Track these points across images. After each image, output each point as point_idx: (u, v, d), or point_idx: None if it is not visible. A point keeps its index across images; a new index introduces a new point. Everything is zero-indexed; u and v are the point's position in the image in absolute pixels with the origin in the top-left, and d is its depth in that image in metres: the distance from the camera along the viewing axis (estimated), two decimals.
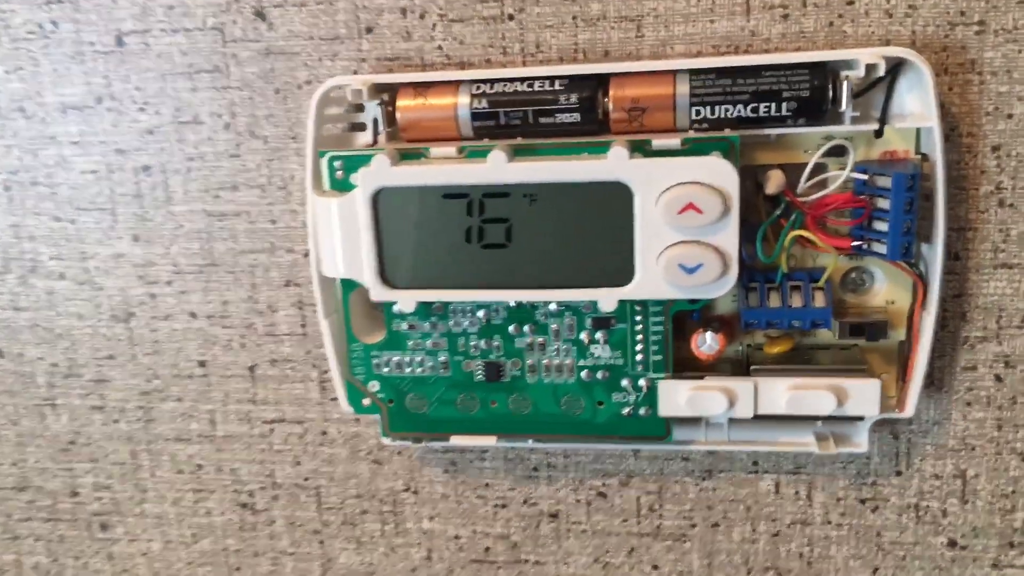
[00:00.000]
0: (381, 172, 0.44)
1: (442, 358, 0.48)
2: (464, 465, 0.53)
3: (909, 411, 0.46)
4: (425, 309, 0.47)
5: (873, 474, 0.49)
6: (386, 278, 0.46)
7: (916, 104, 0.43)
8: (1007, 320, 0.47)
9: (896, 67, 0.43)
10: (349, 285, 0.47)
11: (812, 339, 0.47)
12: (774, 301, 0.46)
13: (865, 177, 0.43)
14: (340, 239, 0.46)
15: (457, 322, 0.48)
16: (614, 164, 0.42)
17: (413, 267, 0.46)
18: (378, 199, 0.45)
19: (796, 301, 0.45)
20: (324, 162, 0.46)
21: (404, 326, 0.48)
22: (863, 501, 0.50)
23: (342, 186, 0.46)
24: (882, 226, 0.43)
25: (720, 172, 0.42)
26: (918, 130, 0.44)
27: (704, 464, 0.50)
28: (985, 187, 0.45)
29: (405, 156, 0.45)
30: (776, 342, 0.47)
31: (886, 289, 0.46)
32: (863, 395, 0.45)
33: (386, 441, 0.51)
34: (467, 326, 0.48)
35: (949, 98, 0.44)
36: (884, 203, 0.43)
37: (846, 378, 0.45)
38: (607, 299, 0.44)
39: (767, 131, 0.44)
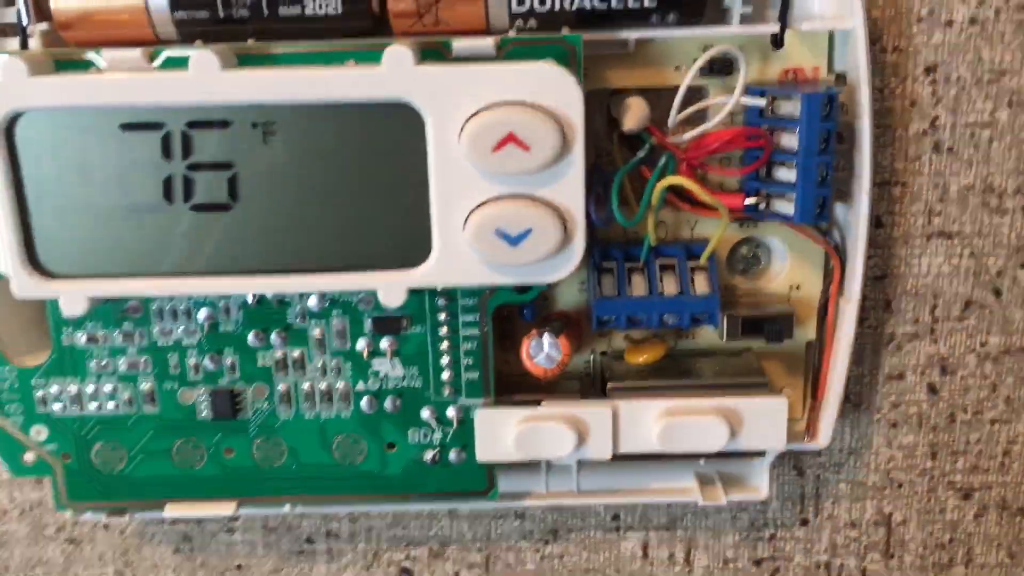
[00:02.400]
0: (14, 87, 0.27)
1: (144, 386, 0.31)
2: (204, 540, 0.37)
3: (823, 440, 0.33)
4: (111, 310, 0.31)
5: (772, 525, 0.36)
6: (37, 262, 0.29)
7: None
8: (944, 310, 0.34)
9: None
10: None
11: (689, 342, 0.34)
12: (638, 288, 0.31)
13: (762, 103, 0.30)
14: None
15: (165, 330, 0.31)
16: (393, 76, 0.27)
17: (82, 243, 0.29)
18: (14, 132, 0.28)
19: (669, 287, 0.31)
20: None
21: (80, 338, 0.31)
22: (759, 562, 0.37)
23: None
24: (786, 174, 0.30)
25: (556, 87, 0.27)
26: (831, 36, 0.31)
27: (547, 523, 0.37)
28: (917, 124, 0.33)
29: (62, 65, 0.28)
30: (642, 348, 0.33)
31: (788, 269, 0.33)
32: (765, 421, 0.31)
33: (66, 515, 0.33)
34: (181, 336, 0.31)
35: None
36: (789, 140, 0.30)
37: (740, 397, 0.31)
38: (391, 288, 0.29)
39: (622, 34, 0.29)
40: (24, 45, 0.30)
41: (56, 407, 0.32)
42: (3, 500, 0.37)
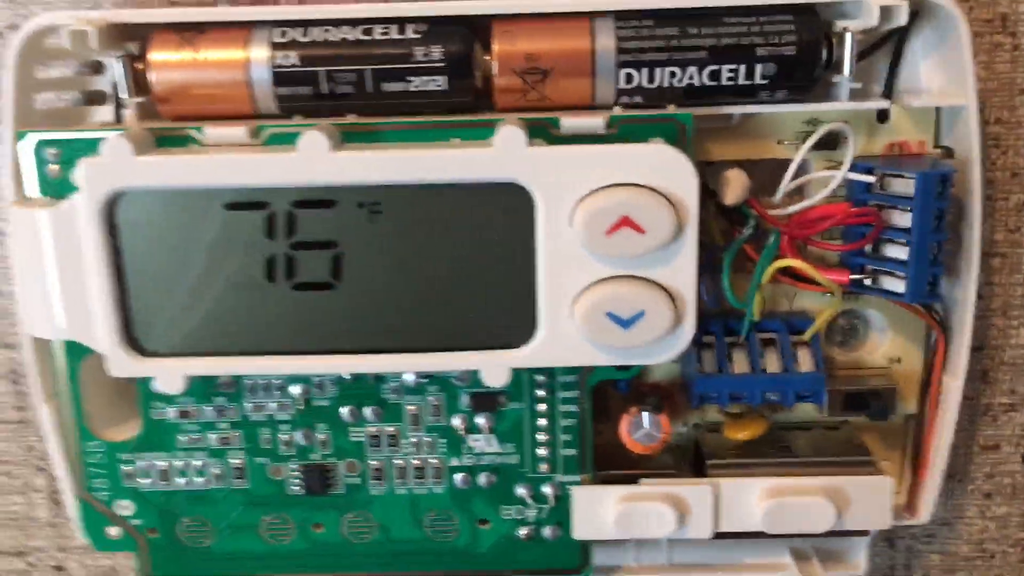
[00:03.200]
0: (118, 165, 0.26)
1: (235, 461, 0.31)
2: None
3: (923, 516, 0.32)
4: (204, 387, 0.30)
5: None
6: (135, 340, 0.28)
7: (937, 74, 0.30)
8: None
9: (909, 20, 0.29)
10: (77, 350, 0.29)
11: (785, 415, 0.33)
12: (740, 364, 0.31)
13: (871, 180, 0.29)
14: (57, 276, 0.28)
15: (258, 405, 0.30)
16: (505, 156, 0.26)
17: (179, 322, 0.28)
18: (116, 210, 0.27)
19: (772, 364, 0.31)
20: (27, 149, 0.28)
21: (171, 413, 0.31)
22: None
23: (60, 190, 0.28)
24: (895, 251, 0.29)
25: (670, 168, 0.26)
26: (937, 113, 0.30)
27: None
28: (1018, 196, 0.32)
29: (163, 141, 0.27)
30: (742, 423, 0.32)
31: (888, 341, 0.32)
32: (870, 500, 0.30)
33: None
34: (274, 411, 0.30)
35: None
36: (899, 218, 0.29)
37: (845, 475, 0.30)
38: (494, 368, 0.28)
39: (727, 109, 0.29)
40: (118, 118, 0.30)
41: (144, 482, 0.31)
42: (74, 569, 0.37)
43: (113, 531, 0.32)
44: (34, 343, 0.30)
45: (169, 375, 0.28)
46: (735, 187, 0.30)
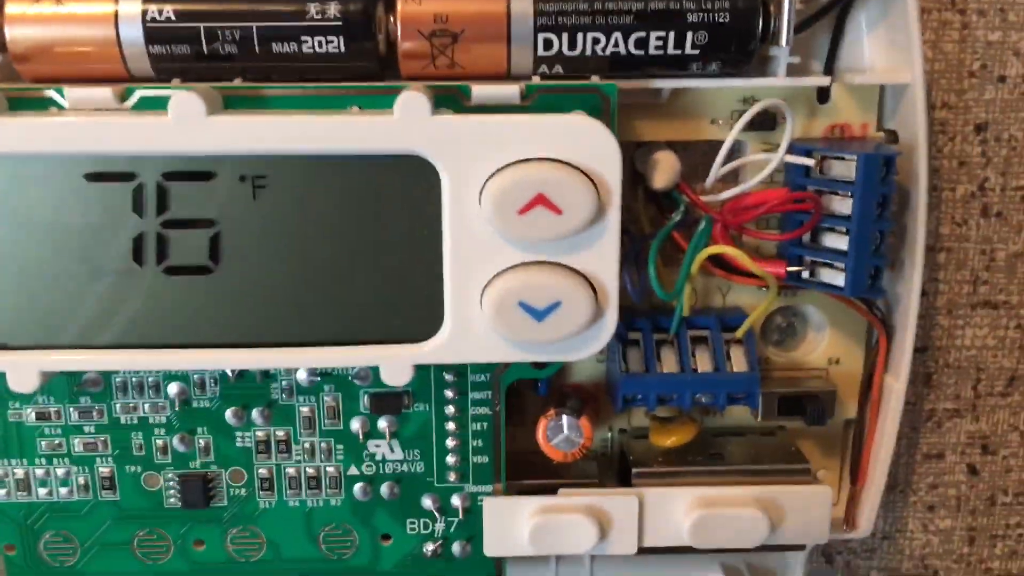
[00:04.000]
0: None
1: (104, 470, 0.27)
2: None
3: (863, 530, 0.30)
4: (66, 385, 0.26)
5: None
6: None
7: (881, 51, 0.28)
8: (987, 385, 0.32)
9: None
10: None
11: (716, 419, 0.30)
12: (668, 363, 0.28)
13: (810, 163, 0.27)
14: None
15: (128, 405, 0.27)
16: (407, 126, 0.23)
17: (35, 310, 0.25)
18: None
19: (703, 363, 0.28)
20: None
21: (29, 415, 0.27)
22: None
23: None
24: (835, 241, 0.27)
25: (592, 143, 0.24)
26: (881, 93, 0.28)
27: None
28: (964, 186, 0.30)
29: (18, 104, 0.24)
30: (670, 428, 0.29)
31: (827, 340, 0.30)
32: (807, 512, 0.28)
33: None
34: (148, 413, 0.27)
35: None
36: (840, 204, 0.27)
37: (780, 485, 0.28)
38: (396, 366, 0.25)
39: (656, 83, 0.26)
40: None
41: None
42: None
43: None
44: None
45: (23, 371, 0.25)
46: (664, 170, 0.27)
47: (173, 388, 0.27)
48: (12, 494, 0.27)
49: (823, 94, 0.28)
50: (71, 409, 0.27)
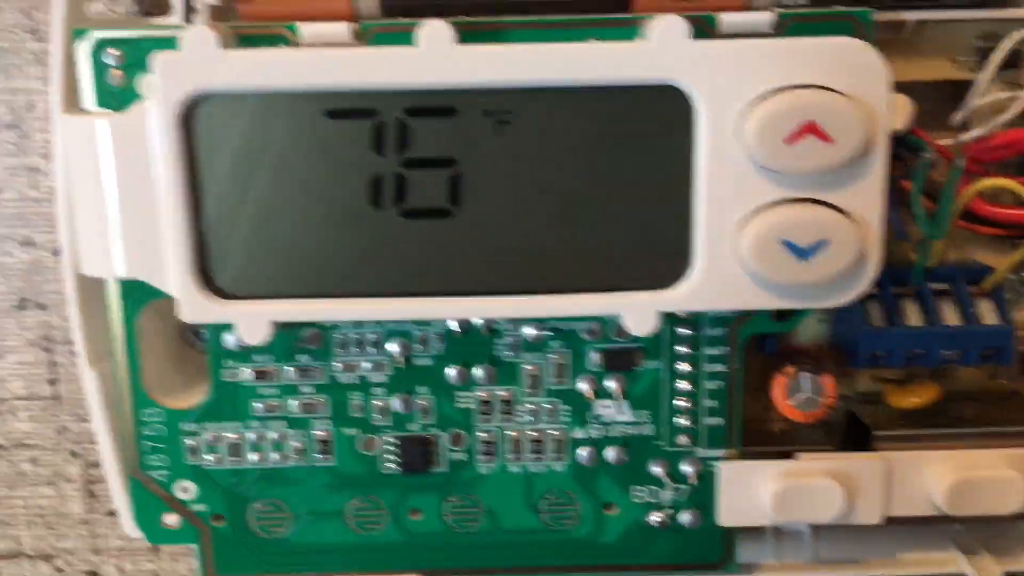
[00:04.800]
0: (203, 62, 0.22)
1: (319, 433, 0.26)
2: None
3: None
4: (283, 340, 0.25)
5: None
6: (212, 279, 0.24)
7: None
8: None
9: None
10: (137, 294, 0.25)
11: (950, 381, 0.28)
12: (913, 318, 0.26)
13: None
14: (118, 202, 0.23)
15: (349, 364, 0.26)
16: (663, 52, 0.22)
17: (266, 258, 0.24)
18: (195, 119, 0.23)
19: (951, 317, 0.26)
20: (84, 51, 0.23)
21: (246, 374, 0.26)
22: None
23: (123, 100, 0.23)
24: None
25: (861, 69, 0.22)
26: None
27: None
28: None
29: (248, 41, 0.23)
30: (910, 389, 0.27)
31: None
32: None
33: None
34: (368, 371, 0.26)
35: None
36: None
37: None
38: (641, 314, 0.24)
39: (903, 14, 0.25)
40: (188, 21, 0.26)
41: (209, 458, 0.26)
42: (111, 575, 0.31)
43: (171, 519, 0.27)
44: (80, 287, 0.25)
45: (253, 321, 0.24)
46: (902, 112, 0.26)
47: (394, 345, 0.25)
48: (222, 460, 0.26)
49: None
50: (289, 369, 0.26)
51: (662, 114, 0.23)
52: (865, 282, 0.24)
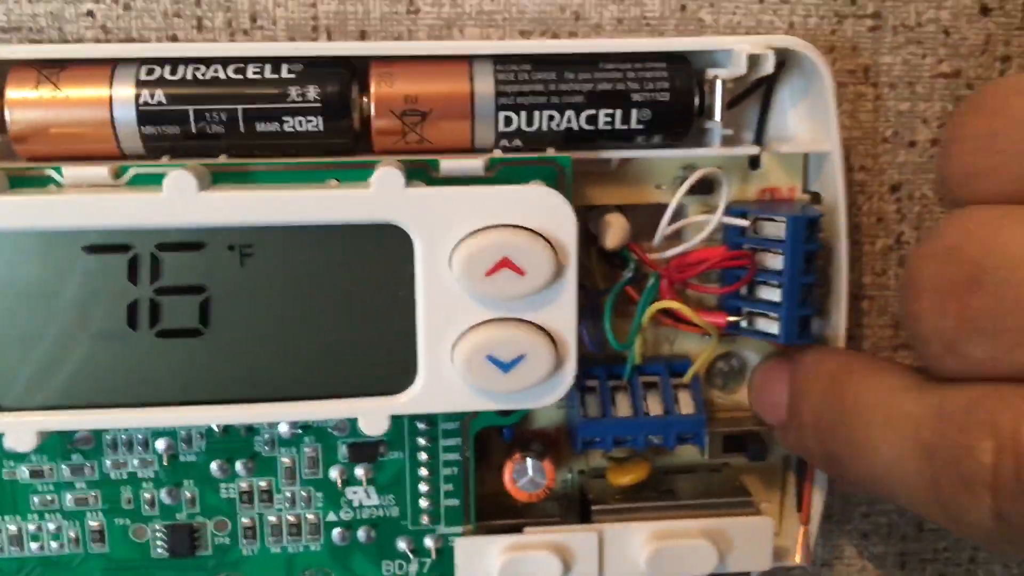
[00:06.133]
0: None
1: (93, 523, 0.29)
2: None
3: (805, 557, 0.33)
4: (60, 444, 0.28)
5: None
6: None
7: (804, 122, 0.31)
8: None
9: (776, 69, 0.30)
10: None
11: (667, 458, 0.33)
12: (623, 408, 0.31)
13: (744, 224, 0.30)
14: None
15: (118, 461, 0.29)
16: (383, 197, 0.26)
17: (34, 374, 0.26)
18: None
19: (654, 407, 0.31)
20: None
21: (22, 473, 0.28)
22: None
23: None
24: (769, 293, 0.30)
25: (550, 210, 0.26)
26: (805, 159, 0.31)
27: None
28: (883, 240, 0.33)
29: (19, 182, 0.26)
30: (626, 467, 0.32)
31: None
32: (751, 542, 0.31)
33: None
34: (136, 468, 0.29)
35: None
36: (772, 260, 0.30)
37: (727, 517, 0.31)
38: (374, 416, 0.27)
39: (605, 153, 0.29)
40: None
41: None
42: None
43: None
44: None
45: (21, 431, 0.26)
46: (615, 231, 0.30)
47: (161, 444, 0.29)
48: (5, 549, 0.29)
49: (754, 161, 0.31)
50: (63, 466, 0.28)
51: (387, 248, 0.27)
52: (564, 386, 0.28)
